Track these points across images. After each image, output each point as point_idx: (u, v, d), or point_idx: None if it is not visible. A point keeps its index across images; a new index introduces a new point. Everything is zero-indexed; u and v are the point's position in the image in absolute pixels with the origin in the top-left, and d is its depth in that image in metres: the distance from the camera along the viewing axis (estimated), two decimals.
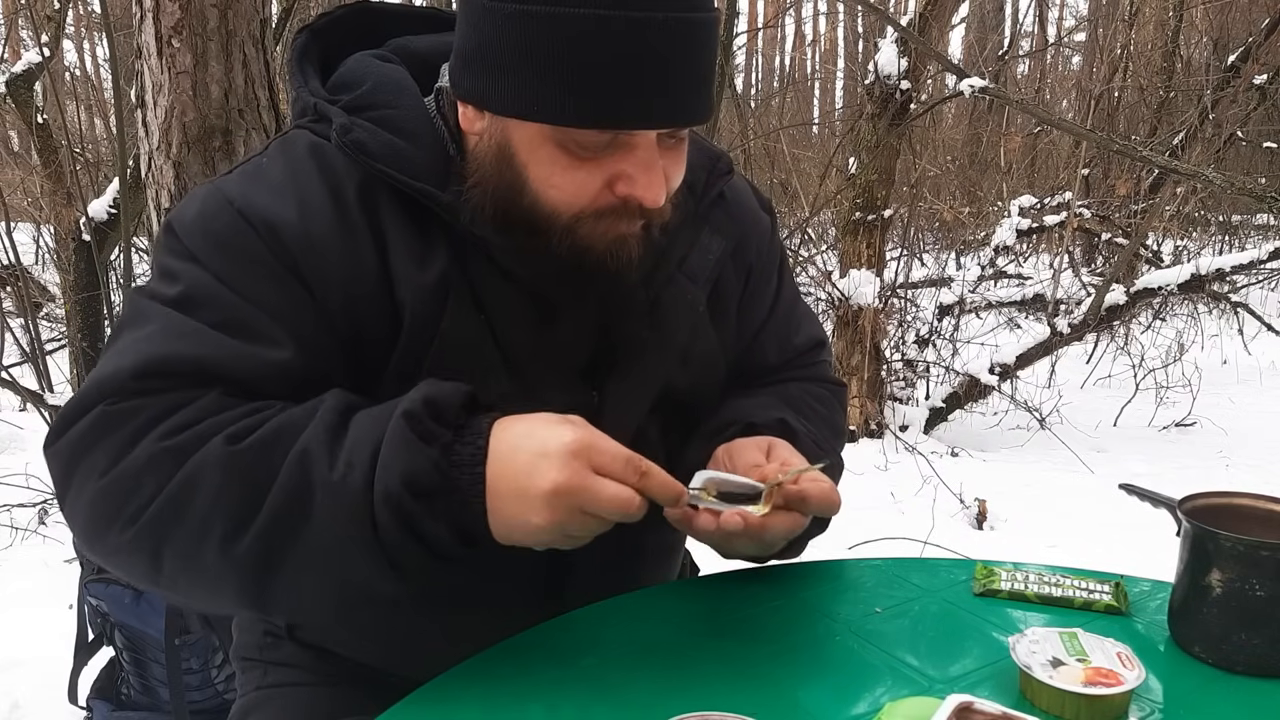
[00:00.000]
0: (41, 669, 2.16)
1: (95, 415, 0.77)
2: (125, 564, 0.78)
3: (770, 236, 1.08)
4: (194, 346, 0.79)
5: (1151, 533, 2.54)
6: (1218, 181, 4.12)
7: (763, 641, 0.87)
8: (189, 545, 0.74)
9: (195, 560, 0.75)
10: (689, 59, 0.78)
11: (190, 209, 0.86)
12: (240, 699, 1.06)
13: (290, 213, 0.83)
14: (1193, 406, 4.86)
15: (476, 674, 0.82)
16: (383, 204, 0.85)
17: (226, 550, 0.73)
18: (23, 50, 5.19)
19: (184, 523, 0.74)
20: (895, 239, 5.53)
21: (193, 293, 0.81)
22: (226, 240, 0.82)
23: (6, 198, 4.58)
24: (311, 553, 0.74)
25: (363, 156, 0.84)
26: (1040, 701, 0.75)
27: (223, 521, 0.73)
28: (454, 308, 0.85)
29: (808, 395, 1.07)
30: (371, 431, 0.75)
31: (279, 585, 0.76)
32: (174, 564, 0.75)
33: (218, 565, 0.74)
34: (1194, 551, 0.85)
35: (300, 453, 0.74)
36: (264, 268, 0.82)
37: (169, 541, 0.74)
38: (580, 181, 0.80)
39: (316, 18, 0.97)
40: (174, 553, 0.75)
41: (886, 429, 4.43)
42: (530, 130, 0.79)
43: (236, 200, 0.83)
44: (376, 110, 0.87)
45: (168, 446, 0.75)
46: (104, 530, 0.76)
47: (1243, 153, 7.57)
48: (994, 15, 11.59)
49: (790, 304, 1.12)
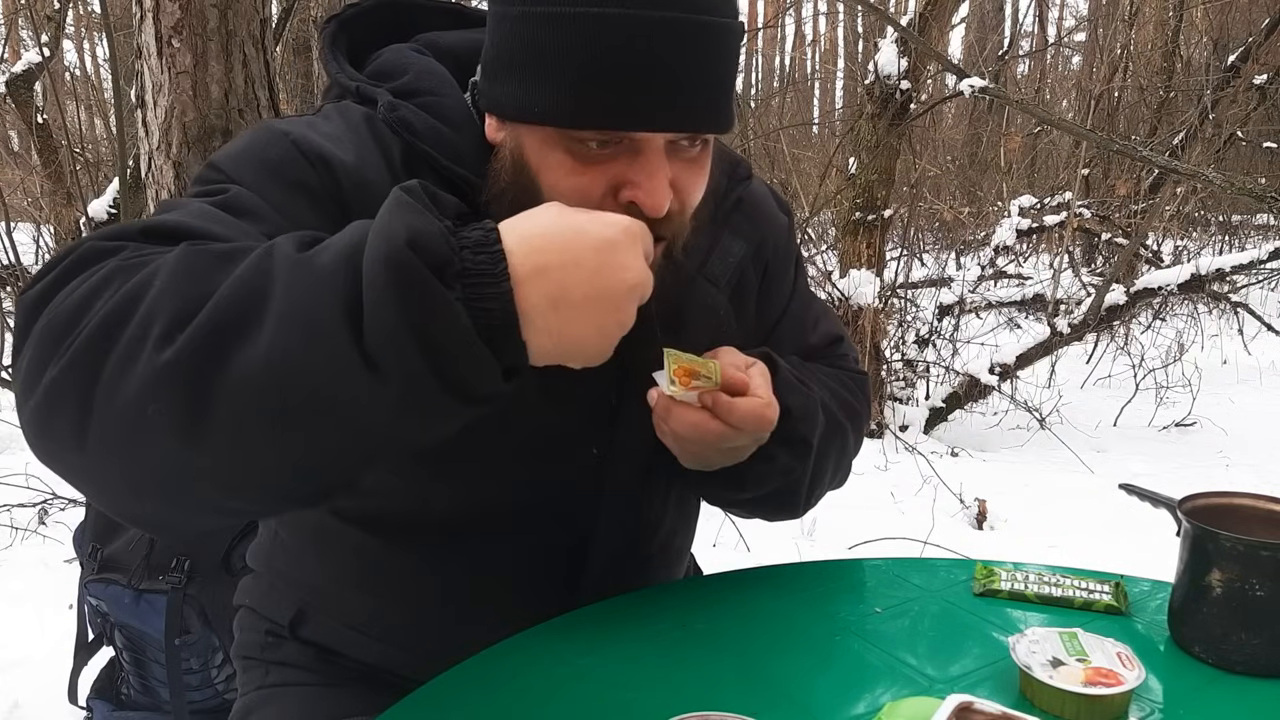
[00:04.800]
0: (41, 669, 2.16)
1: (80, 250, 0.64)
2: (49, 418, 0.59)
3: (787, 235, 1.08)
4: (220, 227, 0.69)
5: (1151, 533, 2.54)
6: (1218, 181, 4.11)
7: (763, 641, 0.87)
8: (120, 366, 0.56)
9: (122, 389, 0.56)
10: (698, 63, 0.76)
11: (237, 145, 0.83)
12: (241, 699, 1.06)
13: (347, 155, 0.82)
14: (1193, 406, 4.86)
15: (476, 674, 0.82)
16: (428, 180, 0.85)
17: (157, 355, 0.55)
18: (23, 50, 5.19)
19: (120, 336, 0.57)
20: (895, 239, 5.53)
21: (237, 201, 0.75)
22: (276, 165, 0.79)
23: (6, 198, 4.58)
24: (262, 352, 0.55)
25: (410, 135, 0.84)
26: (1040, 701, 0.75)
27: (166, 315, 0.57)
28: None
29: (819, 370, 1.05)
30: (359, 225, 0.60)
31: (220, 407, 0.55)
32: (104, 405, 0.57)
33: (144, 383, 0.55)
34: (1194, 551, 0.85)
35: (269, 245, 0.60)
36: (311, 197, 0.79)
37: (103, 366, 0.57)
38: (583, 186, 0.79)
39: (345, 8, 0.97)
40: (106, 386, 0.57)
41: (886, 429, 4.43)
42: (539, 136, 0.79)
43: (292, 133, 0.82)
44: (421, 97, 0.87)
45: (129, 263, 0.61)
46: (38, 374, 0.59)
47: (1243, 153, 7.56)
48: (994, 15, 11.59)
49: (806, 300, 1.13)
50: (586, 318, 0.62)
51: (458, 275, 0.58)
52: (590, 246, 0.62)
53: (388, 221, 0.58)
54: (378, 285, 0.55)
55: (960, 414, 4.73)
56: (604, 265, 0.62)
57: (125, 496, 0.62)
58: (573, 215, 0.65)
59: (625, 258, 0.63)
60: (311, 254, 0.58)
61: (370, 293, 0.56)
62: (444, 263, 0.57)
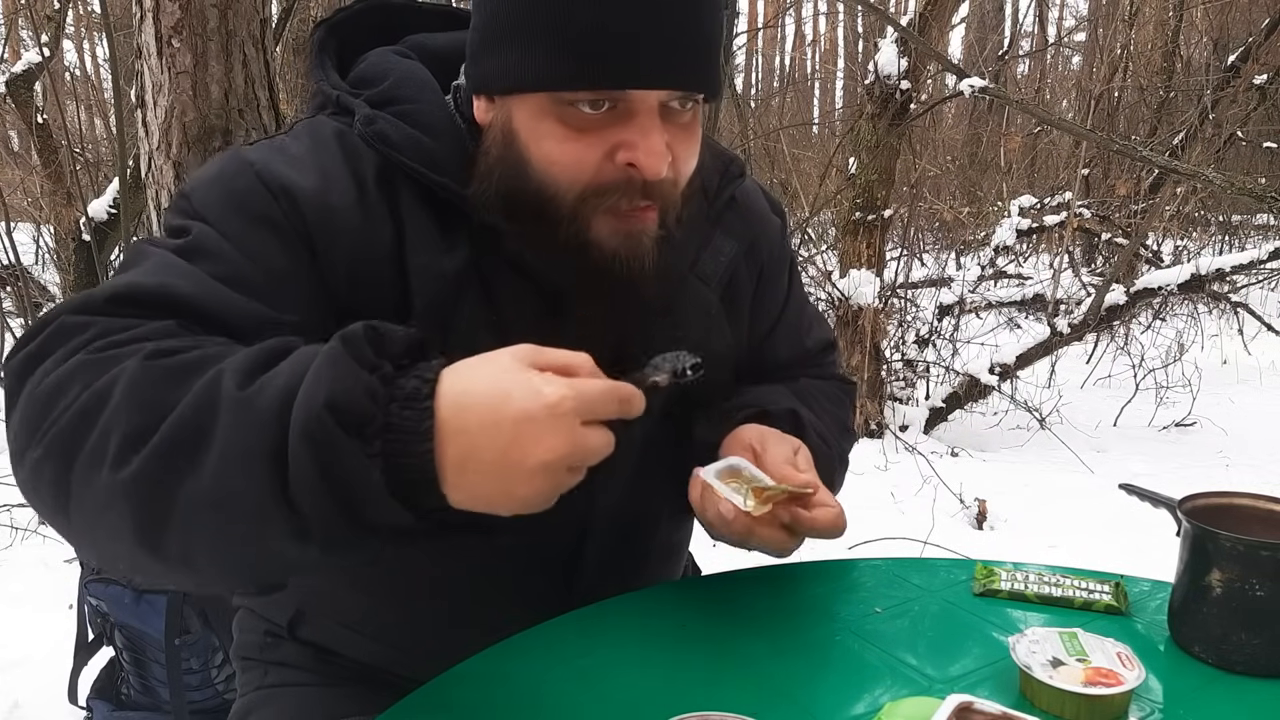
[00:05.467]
0: (41, 669, 2.16)
1: (54, 325, 0.71)
2: (37, 492, 0.68)
3: (781, 238, 1.09)
4: (181, 283, 0.74)
5: (1151, 533, 2.54)
6: (1218, 181, 4.11)
7: (762, 641, 0.87)
8: (88, 466, 0.63)
9: (92, 485, 0.64)
10: (686, 22, 0.77)
11: (209, 172, 0.84)
12: (240, 699, 1.06)
13: (310, 182, 0.82)
14: (1193, 406, 4.86)
15: (476, 674, 0.82)
16: (403, 194, 0.85)
17: (117, 470, 0.62)
18: (23, 50, 5.18)
19: (87, 439, 0.64)
20: (895, 239, 5.53)
21: (198, 244, 0.78)
22: (241, 199, 0.81)
23: (6, 198, 4.58)
24: (206, 485, 0.61)
25: (385, 147, 0.84)
26: (1040, 701, 0.75)
27: (120, 434, 0.63)
28: (466, 303, 0.85)
29: (818, 391, 1.08)
30: (304, 360, 0.64)
31: (173, 523, 0.62)
32: (79, 491, 0.64)
33: (108, 490, 0.63)
34: (1194, 551, 0.85)
35: (217, 372, 0.64)
36: (274, 231, 0.80)
37: (74, 460, 0.64)
38: (580, 153, 0.79)
39: (334, 12, 0.97)
40: (78, 477, 0.64)
41: (886, 429, 4.43)
42: (530, 107, 0.79)
43: (257, 164, 0.82)
44: (399, 105, 0.87)
45: (95, 358, 0.67)
46: (24, 448, 0.67)
47: (1243, 153, 7.56)
48: (994, 15, 11.58)
49: (800, 305, 1.13)
50: (494, 484, 0.63)
51: (380, 430, 0.61)
52: (510, 417, 0.62)
53: (314, 379, 0.61)
54: (295, 444, 0.60)
55: (960, 414, 4.72)
56: (519, 438, 0.62)
57: (106, 560, 0.70)
58: (510, 377, 0.63)
59: (543, 433, 0.62)
60: (252, 392, 0.62)
61: (292, 447, 0.60)
62: (364, 421, 0.60)
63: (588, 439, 0.64)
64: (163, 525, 0.62)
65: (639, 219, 0.82)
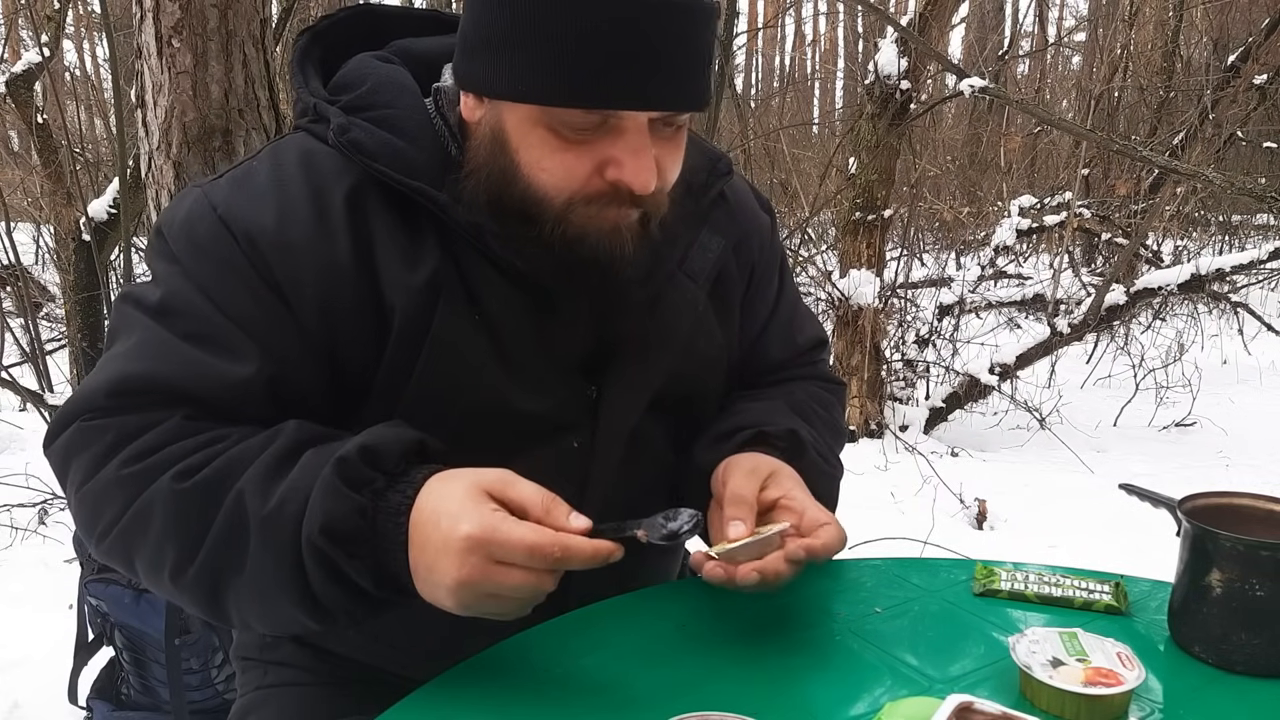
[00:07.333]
0: (41, 669, 2.16)
1: (73, 430, 0.83)
2: (113, 565, 0.85)
3: (770, 236, 1.09)
4: (164, 364, 0.82)
5: (1151, 533, 2.54)
6: (1218, 181, 4.11)
7: (763, 641, 0.87)
8: (150, 564, 0.80)
9: (158, 577, 0.80)
10: (681, 43, 0.77)
11: (179, 212, 0.87)
12: (240, 699, 1.06)
13: (269, 219, 0.83)
14: (1193, 406, 4.86)
15: (476, 674, 0.82)
16: (372, 208, 0.85)
17: (178, 577, 0.79)
18: (23, 50, 5.18)
19: (144, 545, 0.79)
20: (895, 239, 5.53)
21: (170, 300, 0.83)
22: (207, 247, 0.84)
23: (6, 198, 4.58)
24: (250, 585, 0.77)
25: (359, 155, 0.84)
26: (1040, 701, 0.75)
27: (173, 551, 0.78)
28: (445, 306, 0.85)
29: (812, 399, 1.07)
30: (311, 473, 0.76)
31: (229, 608, 0.80)
32: (144, 575, 0.82)
33: (172, 586, 0.80)
34: (1194, 551, 0.85)
35: (239, 492, 0.77)
36: (241, 277, 0.83)
37: (136, 556, 0.80)
38: (569, 165, 0.80)
39: (319, 19, 0.97)
40: (142, 568, 0.81)
41: (886, 429, 4.43)
42: (521, 113, 0.79)
43: (220, 207, 0.84)
44: (375, 110, 0.87)
45: (125, 475, 0.79)
46: (89, 536, 0.83)
47: (1243, 153, 7.56)
48: (994, 15, 11.58)
49: (792, 303, 1.13)
50: (431, 593, 0.75)
51: (369, 539, 0.75)
52: (434, 541, 0.73)
53: (315, 505, 0.74)
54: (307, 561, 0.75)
55: (960, 414, 4.73)
56: (436, 561, 0.72)
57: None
58: (454, 505, 0.73)
59: (449, 563, 0.72)
60: (272, 511, 0.76)
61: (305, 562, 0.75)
62: (356, 538, 0.74)
63: (496, 576, 0.72)
64: (222, 612, 0.80)
65: (621, 214, 0.83)
